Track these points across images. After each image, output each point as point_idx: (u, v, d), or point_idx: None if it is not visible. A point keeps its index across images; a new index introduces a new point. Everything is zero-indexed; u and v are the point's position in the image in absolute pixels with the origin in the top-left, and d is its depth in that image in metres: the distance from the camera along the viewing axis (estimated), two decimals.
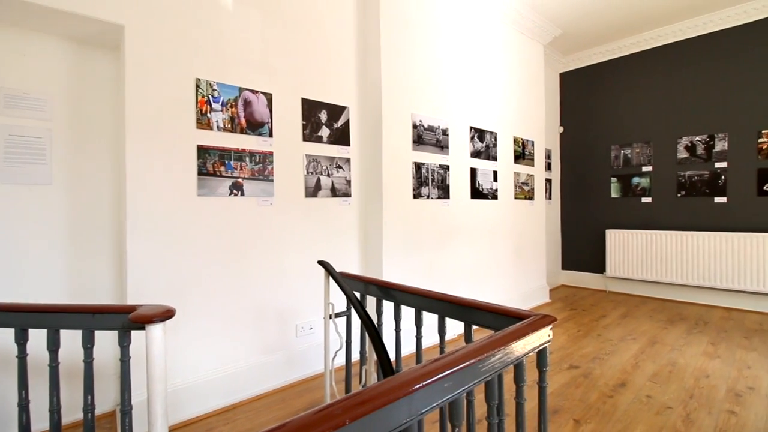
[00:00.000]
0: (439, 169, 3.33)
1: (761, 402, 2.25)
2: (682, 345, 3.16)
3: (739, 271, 4.10)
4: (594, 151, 5.32)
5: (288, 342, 2.59)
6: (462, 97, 3.58)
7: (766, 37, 4.07)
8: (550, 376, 2.61)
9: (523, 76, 4.37)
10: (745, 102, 4.20)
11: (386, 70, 2.94)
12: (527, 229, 4.40)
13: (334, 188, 2.83)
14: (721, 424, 2.03)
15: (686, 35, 4.54)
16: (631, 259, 4.81)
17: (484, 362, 1.00)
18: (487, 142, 3.85)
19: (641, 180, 4.91)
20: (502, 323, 1.34)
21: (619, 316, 4.01)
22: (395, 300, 1.75)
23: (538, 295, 4.54)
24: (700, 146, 4.48)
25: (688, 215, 4.55)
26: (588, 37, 4.88)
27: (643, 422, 2.05)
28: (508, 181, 4.13)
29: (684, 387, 2.44)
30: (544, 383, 1.19)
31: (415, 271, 3.14)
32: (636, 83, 4.95)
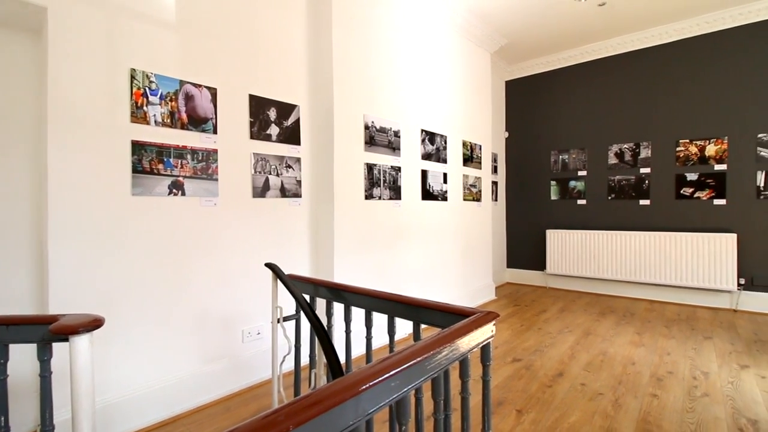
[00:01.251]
0: (391, 170, 3.37)
1: (679, 384, 2.50)
2: (612, 335, 3.44)
3: (660, 266, 4.54)
4: (536, 156, 5.64)
5: (234, 348, 2.48)
6: (414, 100, 3.65)
7: (684, 56, 4.55)
8: (495, 369, 2.73)
9: (471, 82, 4.54)
10: (664, 114, 4.66)
11: (338, 69, 2.91)
12: (475, 229, 4.57)
13: (283, 188, 2.76)
14: (645, 407, 2.23)
15: (617, 51, 4.96)
16: (569, 257, 5.16)
17: (430, 360, 1.02)
18: (437, 144, 3.95)
19: (577, 183, 5.28)
20: (448, 321, 1.38)
21: (558, 310, 4.28)
22: (346, 301, 1.74)
23: (485, 292, 4.72)
24: (628, 153, 4.91)
25: (617, 216, 4.97)
26: (531, 48, 5.17)
27: (578, 409, 2.20)
28: (457, 183, 4.27)
29: (613, 374, 2.65)
30: (487, 377, 1.23)
31: (367, 272, 3.14)
32: (573, 93, 5.32)
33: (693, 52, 4.49)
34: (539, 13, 4.22)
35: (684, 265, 4.39)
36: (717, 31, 4.35)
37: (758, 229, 4.13)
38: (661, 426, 2.02)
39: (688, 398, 2.31)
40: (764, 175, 4.12)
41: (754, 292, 4.14)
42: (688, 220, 4.51)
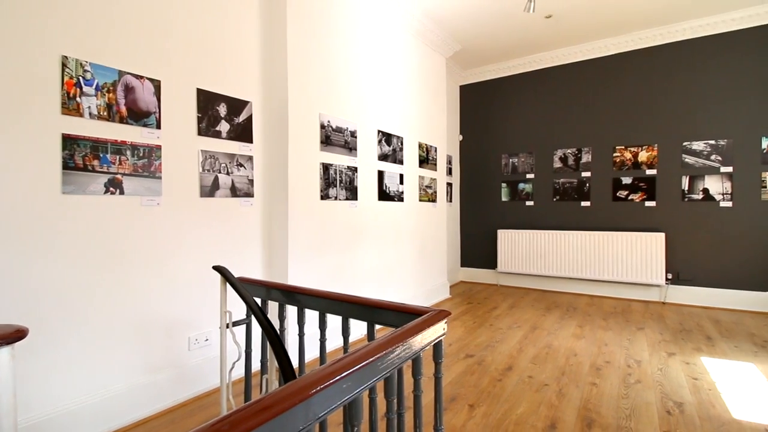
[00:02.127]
0: (348, 170, 3.35)
1: (615, 373, 2.69)
2: (557, 329, 3.64)
3: (599, 263, 4.87)
4: (488, 159, 5.86)
5: (179, 357, 2.35)
6: (370, 100, 3.65)
7: (620, 69, 4.92)
8: (449, 366, 2.79)
9: (427, 85, 4.62)
10: (603, 122, 5.02)
11: (293, 66, 2.85)
12: (430, 229, 4.66)
13: (234, 187, 2.65)
14: (586, 395, 2.38)
15: (562, 61, 5.27)
16: (518, 256, 5.40)
17: (383, 360, 1.02)
18: (394, 145, 3.99)
19: (525, 186, 5.55)
20: (402, 320, 1.39)
21: (508, 306, 4.47)
22: (299, 304, 1.70)
23: (440, 291, 4.83)
24: (571, 158, 5.23)
25: (561, 217, 5.28)
26: (484, 55, 5.37)
27: (525, 400, 2.31)
28: (413, 184, 4.33)
29: (557, 366, 2.81)
30: (439, 374, 1.26)
31: (323, 273, 3.10)
32: (523, 100, 5.58)
33: (627, 65, 4.87)
34: (491, 21, 4.39)
35: (620, 262, 4.75)
36: (648, 47, 4.75)
37: (683, 229, 4.56)
38: (600, 412, 2.17)
39: (623, 385, 2.50)
40: (688, 180, 4.55)
41: (680, 285, 4.56)
42: (623, 221, 4.88)
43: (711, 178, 4.43)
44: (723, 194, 4.37)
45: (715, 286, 4.39)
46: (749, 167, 4.25)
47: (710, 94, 4.43)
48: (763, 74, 4.18)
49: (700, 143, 4.48)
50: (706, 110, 4.45)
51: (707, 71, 4.44)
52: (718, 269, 4.39)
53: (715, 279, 4.40)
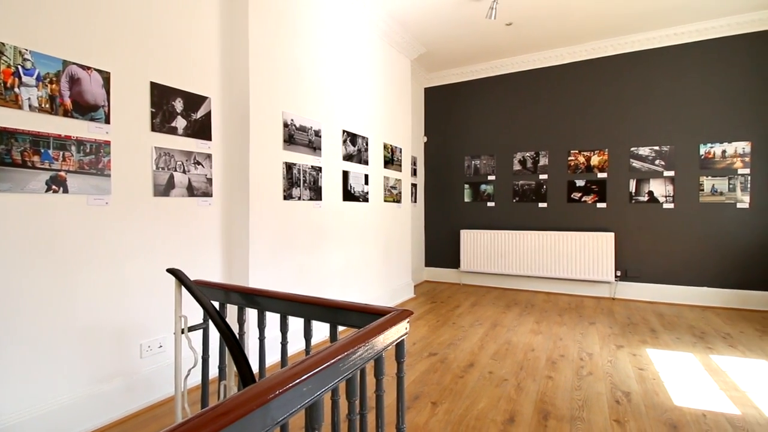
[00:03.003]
0: (312, 170, 3.30)
1: (569, 366, 2.82)
2: (516, 326, 3.77)
3: (555, 262, 5.10)
4: (451, 160, 5.98)
5: (130, 365, 2.22)
6: (335, 100, 3.63)
7: (574, 77, 5.18)
8: (412, 365, 2.82)
9: (392, 87, 4.65)
10: (559, 126, 5.26)
11: (255, 62, 2.78)
12: (395, 230, 4.69)
13: (191, 187, 2.54)
14: (542, 388, 2.48)
15: (522, 68, 5.47)
16: (480, 255, 5.55)
17: (344, 361, 1.01)
18: (359, 146, 3.98)
19: (487, 187, 5.71)
20: (365, 321, 1.39)
21: (470, 305, 4.59)
22: (260, 307, 1.66)
23: (405, 291, 4.87)
24: (529, 161, 5.45)
25: (520, 217, 5.48)
26: (448, 59, 5.47)
27: (486, 395, 2.37)
28: (378, 185, 4.34)
29: (516, 361, 2.91)
30: (402, 373, 1.27)
31: (286, 275, 3.04)
32: (485, 104, 5.75)
33: (581, 73, 5.14)
34: (454, 26, 4.48)
35: (574, 260, 5.00)
36: (600, 58, 5.03)
37: (630, 229, 4.87)
38: (555, 404, 2.27)
39: (576, 377, 2.63)
40: (635, 183, 4.86)
41: (628, 282, 4.86)
42: (577, 221, 5.14)
43: (655, 182, 4.76)
44: (666, 196, 4.71)
45: (659, 282, 4.72)
46: (689, 172, 4.61)
47: (655, 103, 4.76)
48: (701, 87, 4.55)
49: (646, 149, 4.80)
50: (652, 118, 4.78)
51: (652, 82, 4.77)
52: (661, 266, 4.72)
53: (659, 275, 4.73)
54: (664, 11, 4.17)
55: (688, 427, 2.03)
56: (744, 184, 4.37)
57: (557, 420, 2.10)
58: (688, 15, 4.27)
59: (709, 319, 3.96)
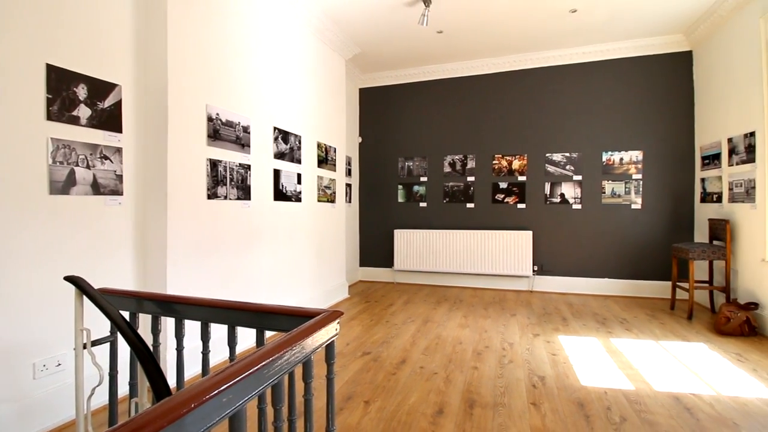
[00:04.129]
0: (240, 168, 3.14)
1: (493, 356, 3.01)
2: (445, 321, 3.94)
3: (481, 259, 5.42)
4: (386, 161, 6.08)
5: (21, 387, 1.93)
6: (266, 95, 3.49)
7: (498, 86, 5.54)
8: (346, 365, 2.81)
9: (326, 85, 4.60)
10: (485, 132, 5.60)
11: (175, 49, 2.57)
12: (329, 230, 4.64)
13: (97, 184, 2.28)
14: (469, 378, 2.61)
15: (452, 74, 5.72)
16: (413, 254, 5.71)
17: (269, 367, 0.97)
18: (291, 144, 3.87)
19: (420, 188, 5.89)
20: (294, 324, 1.35)
21: (403, 303, 4.69)
22: (178, 315, 1.54)
23: (339, 292, 4.84)
24: (458, 163, 5.72)
25: (450, 217, 5.73)
26: (382, 61, 5.54)
27: (417, 390, 2.44)
28: (311, 184, 4.26)
29: (445, 354, 3.04)
30: (331, 375, 1.25)
31: (212, 279, 2.85)
32: (417, 107, 5.92)
33: (504, 83, 5.52)
34: (389, 29, 4.55)
35: (497, 257, 5.35)
36: (520, 70, 5.44)
37: (545, 227, 5.33)
38: (480, 393, 2.40)
39: (499, 366, 2.81)
40: (550, 186, 5.33)
41: (544, 276, 5.32)
42: (500, 221, 5.51)
43: (566, 185, 5.27)
44: (575, 198, 5.23)
45: (570, 275, 5.23)
46: (593, 176, 5.16)
47: (566, 114, 5.27)
48: (604, 101, 5.12)
49: (559, 155, 5.29)
50: (564, 127, 5.28)
51: (564, 95, 5.27)
52: (571, 261, 5.23)
53: (569, 269, 5.24)
54: (575, 31, 4.63)
55: (592, 404, 2.27)
56: (637, 188, 5.01)
57: (482, 407, 2.22)
58: (595, 36, 4.79)
59: (609, 307, 4.47)
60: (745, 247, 3.75)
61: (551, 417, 2.12)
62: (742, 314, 3.41)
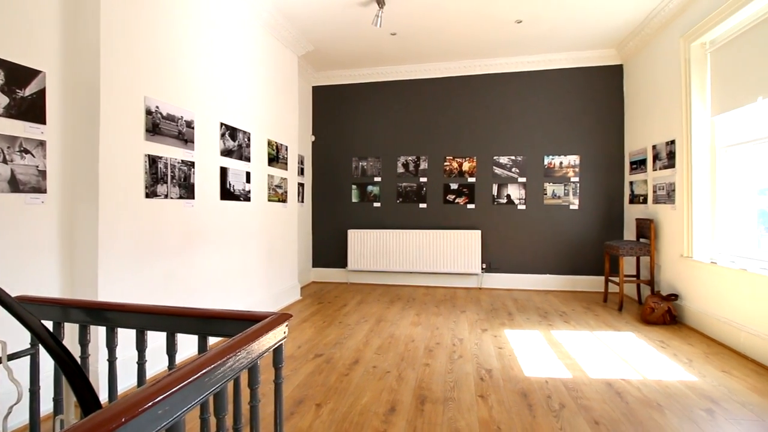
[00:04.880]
0: (182, 165, 2.97)
1: (443, 352, 3.09)
2: (398, 319, 3.98)
3: (433, 258, 5.55)
4: (339, 161, 6.03)
5: None
6: (213, 89, 3.32)
7: (448, 90, 5.69)
8: (297, 368, 2.76)
9: (278, 82, 4.47)
10: (437, 134, 5.73)
11: (109, 35, 2.37)
12: (280, 230, 4.53)
13: (15, 180, 2.05)
14: (420, 375, 2.66)
15: (406, 77, 5.80)
16: (366, 254, 5.72)
17: (211, 375, 0.93)
18: (240, 141, 3.72)
19: (373, 188, 5.92)
20: (240, 329, 1.30)
21: (357, 303, 4.69)
22: (110, 323, 1.42)
23: (290, 294, 4.74)
24: (411, 164, 5.81)
25: (404, 217, 5.81)
26: (336, 60, 5.49)
27: (370, 389, 2.44)
28: (261, 183, 4.12)
29: (398, 353, 3.07)
30: (279, 380, 1.22)
31: (151, 284, 2.67)
32: (372, 107, 5.93)
33: (455, 87, 5.69)
34: (342, 28, 4.52)
35: (449, 256, 5.50)
36: (470, 75, 5.63)
37: (493, 227, 5.56)
38: (431, 389, 2.46)
39: (449, 362, 2.89)
40: (497, 187, 5.57)
41: (492, 273, 5.55)
42: (451, 221, 5.68)
43: (512, 186, 5.53)
44: (520, 199, 5.51)
45: (515, 272, 5.50)
46: (536, 178, 5.47)
47: (513, 118, 5.53)
48: (546, 108, 5.43)
49: (505, 158, 5.55)
50: (509, 132, 5.54)
51: (510, 100, 5.53)
52: (517, 259, 5.50)
53: (514, 266, 5.51)
54: (520, 41, 4.87)
55: (535, 393, 2.40)
56: (575, 190, 5.37)
57: (432, 403, 2.27)
58: (539, 47, 5.07)
59: (550, 301, 4.76)
60: (667, 243, 4.16)
61: (497, 408, 2.22)
62: (664, 305, 3.77)
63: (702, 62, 3.71)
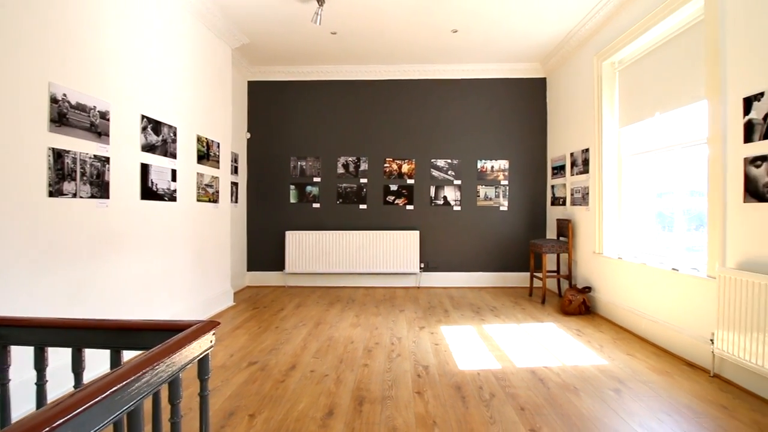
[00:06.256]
0: (95, 160, 2.67)
1: (382, 352, 3.11)
2: (338, 321, 3.95)
3: (373, 258, 5.58)
4: (277, 160, 5.84)
5: None
6: (133, 78, 3.03)
7: (389, 93, 5.77)
8: (229, 378, 2.61)
9: (209, 74, 4.21)
10: (377, 135, 5.78)
11: (4, 11, 2.06)
12: (211, 233, 4.27)
13: None
14: (359, 376, 2.65)
15: (347, 77, 5.77)
16: (305, 256, 5.60)
17: (123, 392, 0.84)
18: (164, 136, 3.44)
19: (313, 189, 5.81)
20: (160, 340, 1.19)
21: (295, 306, 4.56)
22: (2, 340, 1.24)
23: (222, 300, 4.48)
24: (352, 165, 5.80)
25: (344, 218, 5.78)
26: (274, 55, 5.30)
27: (307, 394, 2.39)
28: (190, 182, 3.85)
29: (337, 355, 3.04)
30: (204, 392, 1.14)
31: (56, 296, 2.37)
32: (312, 106, 5.82)
33: (396, 90, 5.78)
34: (280, 23, 4.38)
35: (388, 256, 5.57)
36: (410, 79, 5.76)
37: (430, 227, 5.74)
38: (370, 389, 2.46)
39: (388, 361, 2.92)
40: (434, 189, 5.75)
41: (429, 272, 5.72)
42: (391, 221, 5.76)
43: (448, 188, 5.75)
44: (456, 201, 5.74)
45: (451, 271, 5.72)
46: (470, 181, 5.74)
47: (449, 123, 5.75)
48: (480, 114, 5.72)
49: (442, 161, 5.75)
50: (446, 136, 5.75)
51: (447, 106, 5.75)
52: (452, 257, 5.73)
53: (451, 265, 5.73)
54: (456, 50, 5.08)
55: (468, 386, 2.50)
56: (504, 192, 5.72)
57: (371, 403, 2.28)
58: (473, 56, 5.32)
59: (483, 297, 5.02)
60: (582, 241, 4.58)
61: (433, 403, 2.28)
62: (580, 297, 4.15)
63: (612, 79, 4.15)
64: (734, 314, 2.39)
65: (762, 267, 2.32)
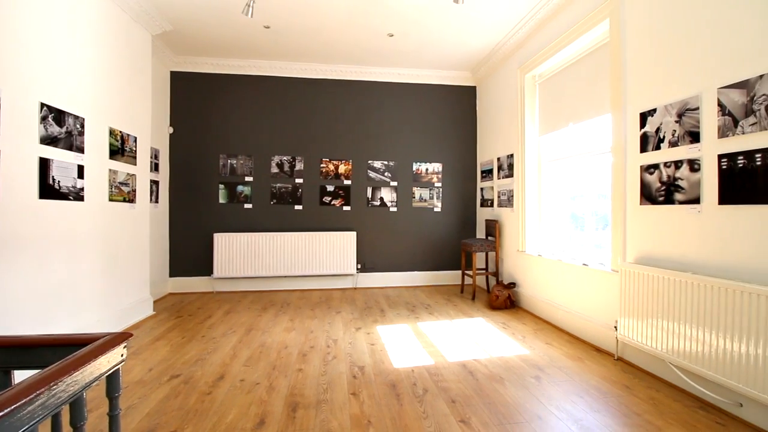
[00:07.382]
0: None
1: (318, 355, 3.05)
2: (271, 327, 3.80)
3: (309, 260, 5.47)
4: (204, 157, 5.47)
5: None
6: (30, 61, 2.65)
7: (328, 92, 5.69)
8: (147, 394, 2.39)
9: (124, 61, 3.82)
10: (314, 135, 5.68)
11: None
12: (126, 236, 3.87)
13: None
14: (293, 382, 2.57)
15: (281, 73, 5.57)
16: (236, 259, 5.31)
17: (11, 417, 0.72)
18: (69, 127, 3.06)
19: (244, 188, 5.54)
20: (61, 356, 1.05)
21: (223, 313, 4.31)
22: None
23: (140, 309, 4.09)
24: (287, 164, 5.63)
25: (278, 219, 5.59)
26: (202, 46, 4.96)
27: (236, 405, 2.26)
28: (100, 180, 3.46)
29: (270, 362, 2.92)
30: (115, 411, 1.03)
31: None
32: (243, 102, 5.54)
33: (333, 90, 5.72)
34: (209, 12, 4.11)
35: (324, 257, 5.50)
36: (346, 80, 5.74)
37: (367, 228, 5.76)
38: (304, 394, 2.40)
39: (323, 364, 2.87)
40: (371, 190, 5.79)
41: (366, 273, 5.74)
42: (327, 222, 5.69)
43: (385, 190, 5.82)
44: (392, 202, 5.83)
45: (387, 271, 5.80)
46: (406, 183, 5.87)
47: (386, 125, 5.83)
48: (416, 118, 5.87)
49: (379, 162, 5.81)
50: (383, 137, 5.83)
51: (384, 108, 5.82)
52: (389, 258, 5.81)
53: (387, 265, 5.80)
54: (392, 54, 5.16)
55: (402, 383, 2.55)
56: (438, 194, 5.94)
57: (305, 408, 2.22)
58: (409, 61, 5.45)
59: (418, 296, 5.15)
60: (508, 240, 4.91)
61: (368, 402, 2.29)
62: (505, 292, 4.44)
63: (533, 91, 4.50)
64: (633, 303, 2.72)
65: (656, 261, 2.67)
